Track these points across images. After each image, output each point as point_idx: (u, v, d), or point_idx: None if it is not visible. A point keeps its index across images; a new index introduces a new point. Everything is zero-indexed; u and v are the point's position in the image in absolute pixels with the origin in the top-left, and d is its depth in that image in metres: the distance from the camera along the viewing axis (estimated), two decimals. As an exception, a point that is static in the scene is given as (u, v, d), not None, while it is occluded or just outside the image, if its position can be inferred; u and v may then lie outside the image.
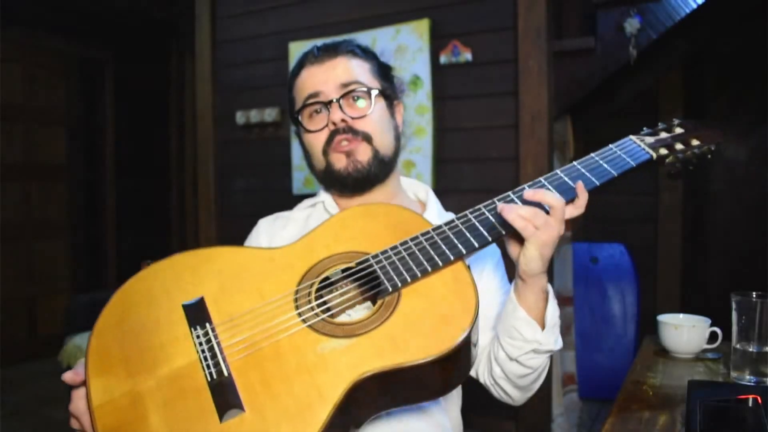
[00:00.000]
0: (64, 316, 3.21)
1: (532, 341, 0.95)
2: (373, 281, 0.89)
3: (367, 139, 1.09)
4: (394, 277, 0.87)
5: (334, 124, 1.08)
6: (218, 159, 3.18)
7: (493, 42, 2.44)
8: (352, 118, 1.08)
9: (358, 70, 1.11)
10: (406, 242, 0.91)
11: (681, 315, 1.39)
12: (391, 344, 0.81)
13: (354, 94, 1.09)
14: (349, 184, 1.11)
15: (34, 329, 4.19)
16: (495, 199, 0.94)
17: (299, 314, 0.85)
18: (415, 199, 1.24)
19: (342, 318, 0.92)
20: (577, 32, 2.60)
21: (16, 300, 4.07)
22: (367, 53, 1.15)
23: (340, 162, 1.09)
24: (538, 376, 1.03)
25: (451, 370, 0.84)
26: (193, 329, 0.85)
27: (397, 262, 0.89)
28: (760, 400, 0.92)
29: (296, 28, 2.88)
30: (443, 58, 2.50)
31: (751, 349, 1.13)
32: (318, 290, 0.90)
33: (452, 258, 0.88)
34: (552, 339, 0.98)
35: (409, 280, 0.86)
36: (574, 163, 0.97)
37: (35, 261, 4.24)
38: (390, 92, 1.16)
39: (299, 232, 1.14)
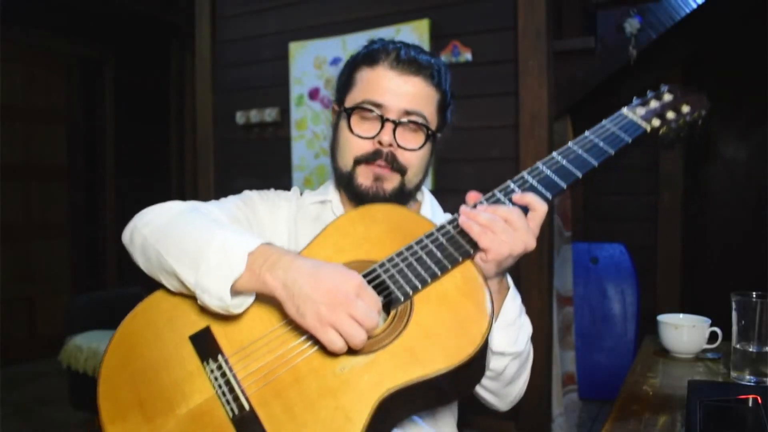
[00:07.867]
0: (64, 316, 3.21)
1: None
2: (382, 291, 0.86)
3: (402, 172, 1.07)
4: (404, 285, 0.84)
5: (380, 143, 1.05)
6: (218, 159, 3.18)
7: (493, 42, 2.43)
8: (399, 146, 1.05)
9: (427, 99, 1.07)
10: (411, 246, 0.88)
11: (681, 315, 1.39)
12: (412, 357, 0.78)
13: (412, 125, 1.06)
14: (366, 202, 1.07)
15: (34, 329, 4.19)
16: (495, 191, 0.92)
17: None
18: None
19: None
20: (577, 32, 2.60)
21: (16, 300, 4.07)
22: (442, 81, 1.10)
23: (366, 180, 1.06)
24: (509, 382, 1.00)
25: (471, 372, 0.83)
26: (205, 363, 0.82)
27: (405, 269, 0.86)
28: (760, 400, 0.92)
29: (296, 28, 2.88)
30: (443, 58, 2.50)
31: (751, 349, 1.13)
32: None
33: (460, 259, 0.86)
34: (507, 339, 0.94)
35: (419, 286, 0.84)
36: (570, 144, 0.95)
37: (35, 261, 4.24)
38: (442, 131, 1.13)
39: (314, 231, 1.11)
